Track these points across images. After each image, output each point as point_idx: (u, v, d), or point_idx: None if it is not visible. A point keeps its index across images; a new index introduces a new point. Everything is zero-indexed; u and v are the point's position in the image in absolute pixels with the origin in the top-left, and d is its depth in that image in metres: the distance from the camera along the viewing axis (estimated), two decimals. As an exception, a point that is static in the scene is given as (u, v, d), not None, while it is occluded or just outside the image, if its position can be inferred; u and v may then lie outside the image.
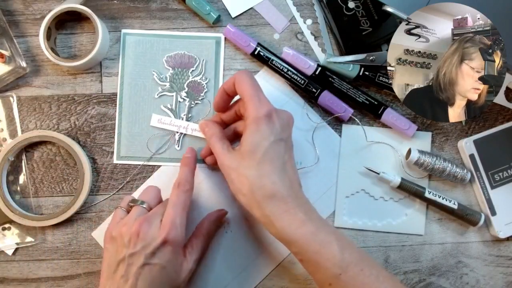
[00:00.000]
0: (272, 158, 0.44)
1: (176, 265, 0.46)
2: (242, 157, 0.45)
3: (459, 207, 0.54)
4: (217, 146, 0.47)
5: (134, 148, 0.55)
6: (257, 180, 0.43)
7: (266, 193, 0.43)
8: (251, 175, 0.44)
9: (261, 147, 0.44)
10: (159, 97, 0.55)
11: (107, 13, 0.56)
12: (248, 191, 0.44)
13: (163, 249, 0.44)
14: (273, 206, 0.43)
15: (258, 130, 0.44)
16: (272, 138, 0.44)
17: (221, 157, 0.46)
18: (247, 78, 0.46)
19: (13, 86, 0.55)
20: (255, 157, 0.44)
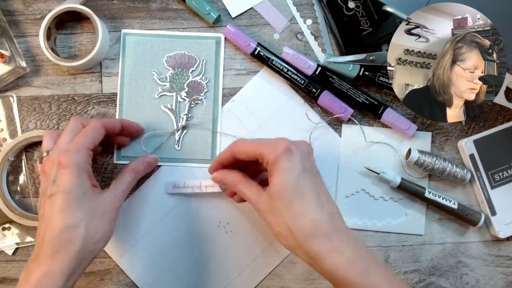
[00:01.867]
0: (303, 192, 0.41)
1: (84, 190, 0.43)
2: (273, 199, 0.42)
3: (459, 207, 0.54)
4: (247, 192, 0.45)
5: (134, 148, 0.55)
6: (293, 221, 0.41)
7: (307, 233, 0.40)
8: (287, 216, 0.41)
9: (288, 184, 0.41)
10: (159, 97, 0.55)
11: (107, 13, 0.56)
12: (287, 233, 0.41)
13: (60, 174, 0.42)
14: (317, 247, 0.40)
15: (281, 169, 0.41)
16: (297, 171, 0.41)
17: (254, 202, 0.44)
18: (244, 141, 0.46)
19: (13, 86, 0.55)
20: (285, 196, 0.41)
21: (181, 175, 0.55)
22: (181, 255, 0.54)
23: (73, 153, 0.43)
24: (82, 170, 0.43)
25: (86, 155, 0.44)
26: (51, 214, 0.42)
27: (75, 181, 0.42)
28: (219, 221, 0.55)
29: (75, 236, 0.42)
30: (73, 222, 0.42)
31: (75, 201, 0.42)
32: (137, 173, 0.50)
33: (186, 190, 0.54)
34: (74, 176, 0.42)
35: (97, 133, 0.46)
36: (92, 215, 0.43)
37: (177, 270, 0.54)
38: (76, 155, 0.43)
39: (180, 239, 0.54)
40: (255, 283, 0.54)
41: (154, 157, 0.53)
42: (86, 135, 0.45)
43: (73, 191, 0.42)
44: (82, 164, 0.43)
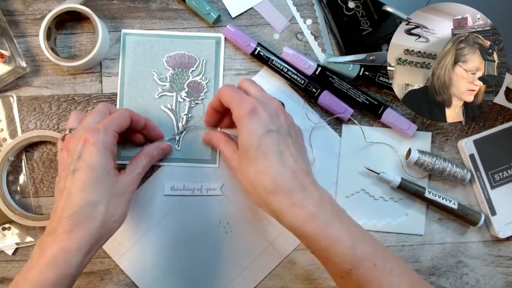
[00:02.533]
0: (265, 152, 0.43)
1: (108, 169, 0.44)
2: (239, 157, 0.45)
3: (459, 207, 0.54)
4: (225, 151, 0.50)
5: (134, 148, 0.55)
6: (256, 178, 0.43)
7: (268, 189, 0.42)
8: (250, 174, 0.43)
9: (251, 144, 0.43)
10: (159, 97, 0.55)
11: (107, 13, 0.56)
12: (252, 190, 0.44)
13: (86, 150, 0.43)
14: (277, 201, 0.42)
15: (245, 128, 0.43)
16: (261, 131, 0.43)
17: (228, 161, 0.49)
18: (227, 87, 0.47)
19: (13, 86, 0.55)
20: (249, 155, 0.43)
21: (181, 175, 0.55)
22: (181, 255, 0.54)
23: (101, 132, 0.43)
24: (107, 150, 0.43)
25: (113, 136, 0.45)
26: (71, 189, 0.42)
27: (100, 159, 0.43)
28: (219, 221, 0.55)
29: (95, 213, 0.42)
30: (95, 199, 0.42)
31: (98, 178, 0.43)
32: (151, 158, 0.51)
33: (185, 192, 0.54)
34: (100, 154, 0.43)
35: (123, 119, 0.47)
36: (112, 194, 0.44)
37: (177, 270, 0.54)
38: (104, 134, 0.43)
39: (180, 239, 0.54)
40: (255, 283, 0.54)
41: (168, 144, 0.53)
42: (114, 118, 0.46)
43: (98, 168, 0.43)
44: (108, 144, 0.44)
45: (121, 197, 0.45)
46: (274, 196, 0.42)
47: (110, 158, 0.44)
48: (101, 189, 0.43)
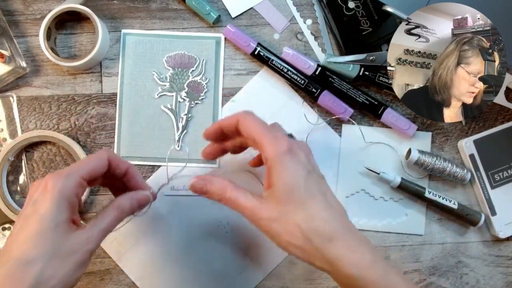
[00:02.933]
0: (313, 193, 0.39)
1: (58, 220, 0.37)
2: (280, 203, 0.38)
3: (459, 207, 0.54)
4: (242, 199, 0.40)
5: (134, 148, 0.55)
6: (309, 225, 0.37)
7: (325, 236, 0.37)
8: (300, 220, 0.37)
9: (297, 186, 0.38)
10: (159, 97, 0.55)
11: (107, 13, 0.56)
12: (302, 240, 0.37)
13: (40, 197, 0.37)
14: (335, 249, 0.37)
15: (286, 168, 0.39)
16: (304, 172, 0.39)
17: (254, 211, 0.39)
18: (254, 118, 0.42)
19: (13, 86, 0.55)
20: (296, 199, 0.38)
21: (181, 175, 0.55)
22: (181, 255, 0.54)
23: (62, 177, 0.38)
24: (64, 198, 0.38)
25: (76, 183, 0.39)
26: (14, 237, 0.37)
27: (53, 208, 0.37)
28: (219, 221, 0.55)
29: (25, 275, 0.35)
30: (30, 257, 0.36)
31: (43, 232, 0.36)
32: (121, 212, 0.41)
33: (185, 192, 0.54)
34: (53, 202, 0.37)
35: (97, 163, 0.41)
36: (54, 254, 0.36)
37: (177, 270, 0.54)
38: (65, 180, 0.38)
39: (180, 239, 0.54)
40: (255, 283, 0.54)
41: (145, 194, 0.44)
42: (86, 161, 0.41)
43: (47, 219, 0.37)
44: (67, 191, 0.38)
45: (68, 257, 0.37)
46: (331, 242, 0.37)
47: (66, 208, 0.38)
48: (42, 245, 0.36)
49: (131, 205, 0.43)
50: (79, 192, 0.39)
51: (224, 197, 0.41)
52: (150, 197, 0.44)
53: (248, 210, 0.39)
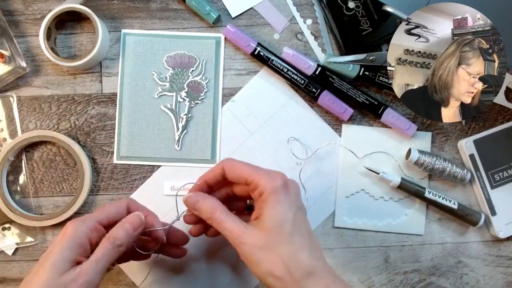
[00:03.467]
0: (299, 229, 0.40)
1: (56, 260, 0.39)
2: (268, 233, 0.39)
3: (459, 207, 0.54)
4: (229, 222, 0.41)
5: (134, 148, 0.55)
6: (292, 258, 0.39)
7: (305, 271, 0.39)
8: (285, 252, 0.39)
9: (288, 220, 0.40)
10: (159, 97, 0.55)
11: (107, 13, 0.56)
12: (283, 271, 0.38)
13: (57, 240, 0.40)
14: (315, 283, 0.39)
15: (280, 202, 0.40)
16: (294, 208, 0.41)
17: (239, 234, 0.40)
18: (240, 161, 0.43)
19: (13, 86, 0.55)
20: (285, 231, 0.39)
21: (180, 175, 0.55)
22: (181, 255, 0.54)
23: (77, 222, 0.41)
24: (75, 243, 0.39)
25: (90, 227, 0.41)
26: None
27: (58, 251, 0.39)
28: (219, 221, 0.55)
29: None
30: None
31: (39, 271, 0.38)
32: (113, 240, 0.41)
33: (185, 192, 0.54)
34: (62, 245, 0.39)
35: (116, 210, 0.43)
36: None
37: (177, 270, 0.54)
38: (78, 224, 0.40)
39: (180, 239, 0.54)
40: (255, 283, 0.54)
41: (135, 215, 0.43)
42: (103, 208, 0.43)
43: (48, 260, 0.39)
44: (78, 234, 0.40)
45: None
46: (310, 278, 0.39)
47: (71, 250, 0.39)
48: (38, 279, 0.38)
49: (123, 231, 0.42)
50: (92, 236, 0.41)
51: (212, 217, 0.42)
52: (141, 217, 0.43)
53: (233, 234, 0.40)
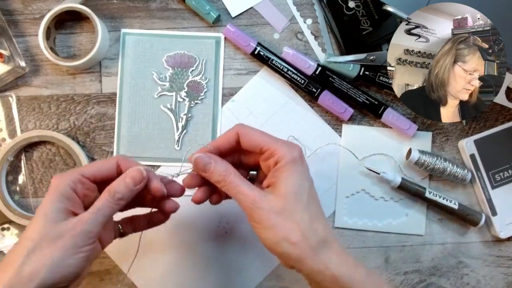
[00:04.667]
0: (315, 199, 0.41)
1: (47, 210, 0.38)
2: (285, 199, 0.39)
3: (459, 207, 0.54)
4: (244, 186, 0.40)
5: (133, 148, 0.55)
6: (308, 225, 0.39)
7: (320, 239, 0.39)
8: (302, 219, 0.39)
9: (305, 189, 0.40)
10: (158, 97, 0.55)
11: (106, 12, 0.56)
12: (299, 237, 0.38)
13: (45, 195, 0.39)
14: (327, 252, 0.39)
15: (297, 171, 0.40)
16: (310, 180, 0.42)
17: (255, 199, 0.39)
18: (255, 128, 0.43)
19: (12, 86, 0.55)
20: (302, 199, 0.40)
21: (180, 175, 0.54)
22: (181, 255, 0.54)
23: (59, 176, 0.40)
24: (57, 192, 0.38)
25: (74, 179, 0.39)
26: None
27: (46, 201, 0.38)
28: (219, 221, 0.54)
29: (15, 255, 0.37)
30: (22, 238, 0.37)
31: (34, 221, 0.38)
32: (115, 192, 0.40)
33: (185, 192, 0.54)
34: (48, 196, 0.39)
35: (104, 165, 0.41)
36: (42, 238, 0.37)
37: (177, 270, 0.54)
38: (60, 177, 0.39)
39: (180, 239, 0.54)
40: (255, 283, 0.54)
41: (137, 169, 0.41)
42: (91, 163, 0.43)
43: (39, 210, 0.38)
44: (61, 186, 0.39)
45: (55, 241, 0.37)
46: (324, 245, 0.39)
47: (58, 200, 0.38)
48: (31, 231, 0.37)
49: (125, 184, 0.40)
50: (77, 187, 0.39)
51: (226, 180, 0.40)
52: (143, 171, 0.41)
53: (249, 198, 0.39)
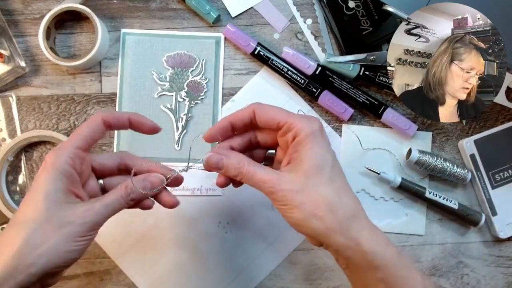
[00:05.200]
0: (339, 172, 0.39)
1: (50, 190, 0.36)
2: (307, 174, 0.38)
3: (459, 207, 0.54)
4: (260, 173, 0.38)
5: (133, 148, 0.54)
6: (334, 198, 0.37)
7: (348, 212, 0.37)
8: (326, 192, 0.37)
9: (328, 161, 0.38)
10: (158, 97, 0.55)
11: (106, 12, 0.56)
12: (326, 211, 0.37)
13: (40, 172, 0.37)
14: (357, 226, 0.37)
15: (318, 143, 0.38)
16: (332, 151, 0.39)
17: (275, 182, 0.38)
18: (269, 105, 0.41)
19: (12, 86, 0.55)
20: (326, 173, 0.38)
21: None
22: (181, 255, 0.54)
23: (56, 152, 0.37)
24: (56, 170, 0.37)
25: (71, 155, 0.38)
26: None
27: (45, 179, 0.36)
28: (219, 221, 0.54)
29: (17, 236, 0.35)
30: (21, 219, 0.36)
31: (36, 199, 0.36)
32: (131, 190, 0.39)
33: (185, 192, 0.54)
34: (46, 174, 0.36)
35: (92, 129, 0.39)
36: (45, 221, 0.35)
37: (177, 270, 0.54)
38: (58, 154, 0.37)
39: (180, 239, 0.54)
40: (255, 283, 0.54)
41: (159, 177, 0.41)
42: (78, 130, 0.39)
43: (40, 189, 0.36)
44: (59, 163, 0.37)
45: (60, 227, 0.35)
46: (354, 219, 0.37)
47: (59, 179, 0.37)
48: (34, 211, 0.35)
49: (142, 186, 0.40)
50: (75, 163, 0.38)
51: (241, 171, 0.39)
52: (164, 180, 0.41)
53: (268, 183, 0.38)
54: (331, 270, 0.54)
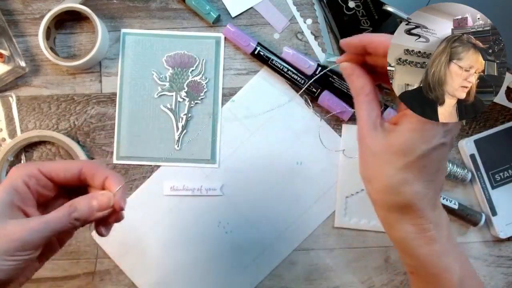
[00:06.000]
0: (425, 165, 0.36)
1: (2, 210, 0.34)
2: (388, 148, 0.36)
3: (459, 207, 0.54)
4: (364, 112, 0.37)
5: (133, 148, 0.55)
6: (396, 185, 0.35)
7: (400, 202, 0.36)
8: (392, 176, 0.35)
9: (417, 151, 0.35)
10: (158, 97, 0.55)
11: (106, 12, 0.56)
12: (380, 188, 0.36)
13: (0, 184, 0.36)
14: (399, 215, 0.36)
15: (421, 130, 0.36)
16: (435, 141, 0.36)
17: (364, 130, 0.37)
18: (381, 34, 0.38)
19: (12, 86, 0.55)
20: (405, 160, 0.35)
21: (181, 175, 0.55)
22: (181, 255, 0.54)
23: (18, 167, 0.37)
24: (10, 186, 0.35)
25: (28, 172, 0.36)
26: None
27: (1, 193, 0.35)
28: (219, 221, 0.54)
29: None
30: None
31: None
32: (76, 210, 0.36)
33: (185, 192, 0.54)
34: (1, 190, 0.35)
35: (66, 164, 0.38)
36: None
37: (177, 270, 0.54)
38: (15, 169, 0.36)
39: (180, 239, 0.54)
40: (255, 283, 0.54)
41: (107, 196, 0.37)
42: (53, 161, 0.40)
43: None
44: (16, 179, 0.36)
45: None
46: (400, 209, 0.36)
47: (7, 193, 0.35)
48: None
49: (88, 206, 0.36)
50: (30, 181, 0.36)
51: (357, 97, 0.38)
52: (111, 201, 0.37)
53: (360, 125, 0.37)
54: (331, 270, 0.54)
